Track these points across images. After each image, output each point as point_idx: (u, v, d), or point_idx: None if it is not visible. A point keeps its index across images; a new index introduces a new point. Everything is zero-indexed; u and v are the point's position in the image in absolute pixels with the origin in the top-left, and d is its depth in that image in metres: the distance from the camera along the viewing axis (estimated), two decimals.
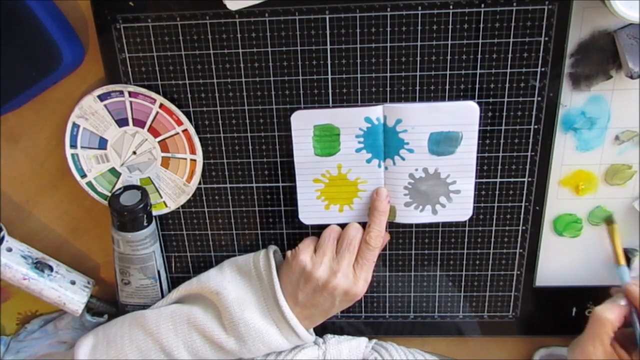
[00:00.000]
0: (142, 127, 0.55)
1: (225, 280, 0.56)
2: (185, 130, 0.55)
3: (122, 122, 0.55)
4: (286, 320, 0.53)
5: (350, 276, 0.54)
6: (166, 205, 0.59)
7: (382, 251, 0.60)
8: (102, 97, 0.54)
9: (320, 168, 0.56)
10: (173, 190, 0.58)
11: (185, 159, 0.57)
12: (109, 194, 0.58)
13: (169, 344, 0.54)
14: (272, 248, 0.59)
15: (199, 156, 0.56)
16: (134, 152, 0.57)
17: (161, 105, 0.54)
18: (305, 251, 0.55)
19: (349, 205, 0.57)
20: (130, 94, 0.54)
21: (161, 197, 0.58)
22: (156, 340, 0.54)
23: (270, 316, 0.54)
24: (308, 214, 0.58)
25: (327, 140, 0.54)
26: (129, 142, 0.56)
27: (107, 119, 0.55)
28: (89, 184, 0.58)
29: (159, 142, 0.56)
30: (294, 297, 0.54)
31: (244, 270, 0.57)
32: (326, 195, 0.57)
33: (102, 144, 0.56)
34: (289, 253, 0.56)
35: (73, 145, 0.56)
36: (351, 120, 0.53)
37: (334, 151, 0.55)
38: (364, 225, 0.57)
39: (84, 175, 0.58)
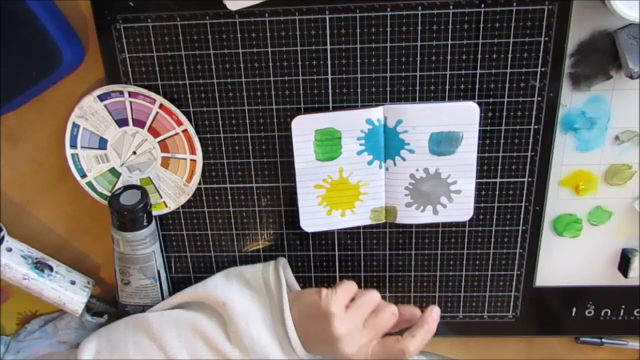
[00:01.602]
0: (142, 127, 0.55)
1: (233, 292, 0.56)
2: (185, 131, 0.55)
3: (122, 122, 0.55)
4: (289, 339, 0.53)
5: (363, 353, 0.52)
6: (166, 206, 0.59)
7: (383, 251, 0.60)
8: (102, 97, 0.54)
9: (321, 173, 0.55)
10: (173, 190, 0.58)
11: (185, 159, 0.56)
12: (109, 194, 0.58)
13: (173, 350, 0.53)
14: (282, 261, 0.58)
15: (199, 156, 0.56)
16: (134, 152, 0.57)
17: (161, 106, 0.54)
18: (339, 302, 0.52)
19: (350, 210, 0.57)
20: (130, 94, 0.54)
21: (161, 197, 0.58)
22: (160, 345, 0.54)
23: (275, 334, 0.53)
24: (310, 221, 0.58)
25: (329, 144, 0.54)
26: (129, 142, 0.56)
27: (107, 119, 0.55)
28: (89, 184, 0.58)
29: (158, 142, 0.56)
30: (303, 328, 0.53)
31: (252, 284, 0.57)
32: (328, 200, 0.57)
33: (102, 144, 0.56)
34: (323, 292, 0.53)
35: (73, 145, 0.56)
36: (352, 122, 0.53)
37: (335, 155, 0.55)
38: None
39: (84, 175, 0.58)
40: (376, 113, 0.53)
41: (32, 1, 0.48)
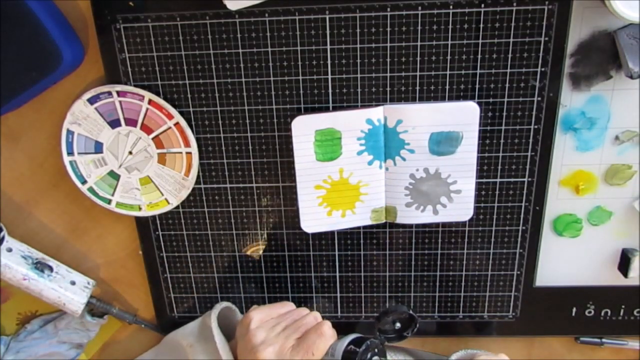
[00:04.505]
0: (135, 125, 0.55)
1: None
2: (177, 124, 0.55)
3: (114, 124, 0.55)
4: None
5: (279, 354, 0.49)
6: (168, 202, 0.59)
7: (383, 251, 0.60)
8: (91, 100, 0.54)
9: (321, 174, 0.55)
10: (173, 186, 0.58)
11: (181, 152, 0.56)
12: (111, 197, 0.58)
13: None
14: (216, 308, 0.58)
15: (194, 148, 0.56)
16: (130, 152, 0.56)
17: (150, 101, 0.54)
18: (258, 316, 0.52)
19: (351, 210, 0.57)
20: (119, 93, 0.54)
21: (162, 194, 0.58)
22: None
23: None
24: (310, 222, 0.58)
25: (329, 145, 0.54)
26: (123, 143, 0.56)
27: (99, 122, 0.55)
28: (90, 189, 0.58)
29: (152, 138, 0.56)
30: (239, 353, 0.52)
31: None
32: (328, 201, 0.57)
33: (98, 147, 0.56)
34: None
35: (70, 153, 0.56)
36: (353, 122, 0.53)
37: (335, 155, 0.55)
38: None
39: (84, 182, 0.58)
40: (376, 113, 0.53)
41: (32, 1, 0.48)
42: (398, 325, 0.55)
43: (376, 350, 0.51)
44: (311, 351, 0.48)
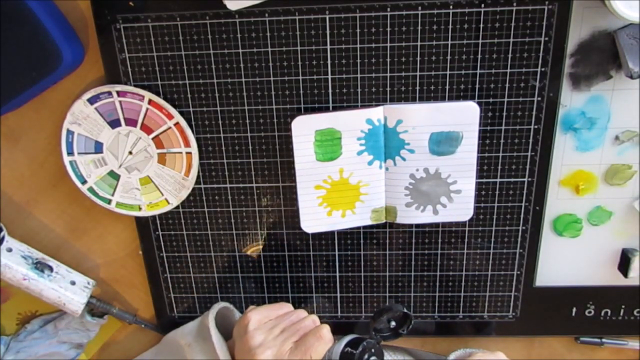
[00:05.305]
0: (135, 125, 0.55)
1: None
2: (177, 124, 0.55)
3: (114, 124, 0.55)
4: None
5: (278, 355, 0.49)
6: (168, 202, 0.59)
7: (383, 251, 0.60)
8: (91, 100, 0.54)
9: (321, 174, 0.55)
10: (173, 186, 0.58)
11: (181, 152, 0.56)
12: (111, 197, 0.58)
13: None
14: (215, 308, 0.58)
15: (194, 148, 0.56)
16: (130, 152, 0.56)
17: (150, 101, 0.54)
18: (256, 317, 0.51)
19: (351, 210, 0.57)
20: (119, 93, 0.54)
21: (162, 194, 0.58)
22: None
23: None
24: (310, 222, 0.58)
25: (329, 145, 0.54)
26: (123, 143, 0.56)
27: (99, 122, 0.55)
28: (90, 189, 0.58)
29: (152, 138, 0.56)
30: (236, 352, 0.52)
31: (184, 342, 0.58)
32: (328, 201, 0.57)
33: (98, 147, 0.56)
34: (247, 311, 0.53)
35: (70, 153, 0.56)
36: (353, 122, 0.53)
37: (335, 155, 0.55)
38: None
39: (84, 182, 0.58)
40: (376, 113, 0.53)
41: (32, 1, 0.48)
42: (393, 323, 0.55)
43: (373, 350, 0.51)
44: (309, 354, 0.48)
